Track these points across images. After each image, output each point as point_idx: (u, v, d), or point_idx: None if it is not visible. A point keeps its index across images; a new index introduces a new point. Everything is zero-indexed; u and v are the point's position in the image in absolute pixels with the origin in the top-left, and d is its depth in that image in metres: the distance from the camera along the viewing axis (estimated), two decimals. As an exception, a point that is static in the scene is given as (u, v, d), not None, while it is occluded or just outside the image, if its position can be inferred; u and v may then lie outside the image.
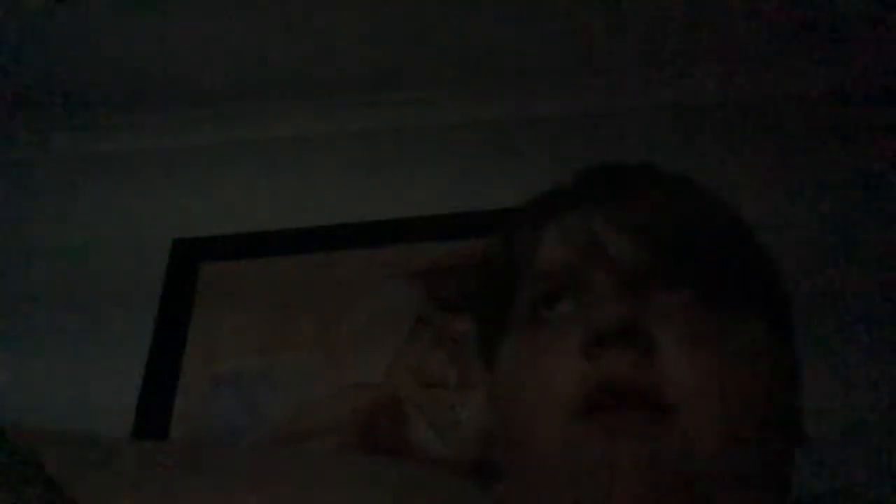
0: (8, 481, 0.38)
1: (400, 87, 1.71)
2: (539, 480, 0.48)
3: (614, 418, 0.46)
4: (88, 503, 0.42)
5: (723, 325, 0.49)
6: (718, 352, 0.48)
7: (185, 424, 1.38)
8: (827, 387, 1.23)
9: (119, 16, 1.57)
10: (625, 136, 1.64)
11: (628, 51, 1.65)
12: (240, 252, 1.57)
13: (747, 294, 0.51)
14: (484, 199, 1.56)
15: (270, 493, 0.44)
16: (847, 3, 1.55)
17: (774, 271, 0.57)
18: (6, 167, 1.75)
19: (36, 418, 1.40)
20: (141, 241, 1.60)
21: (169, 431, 1.37)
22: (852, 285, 1.40)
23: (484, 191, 1.58)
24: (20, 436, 0.46)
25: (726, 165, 1.56)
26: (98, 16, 1.56)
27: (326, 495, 0.44)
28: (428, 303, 1.47)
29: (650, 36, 1.63)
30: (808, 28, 1.60)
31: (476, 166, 1.64)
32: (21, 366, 1.48)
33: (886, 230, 1.46)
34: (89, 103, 1.72)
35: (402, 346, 1.42)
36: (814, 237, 1.46)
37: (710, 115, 1.64)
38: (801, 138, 1.59)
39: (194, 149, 1.74)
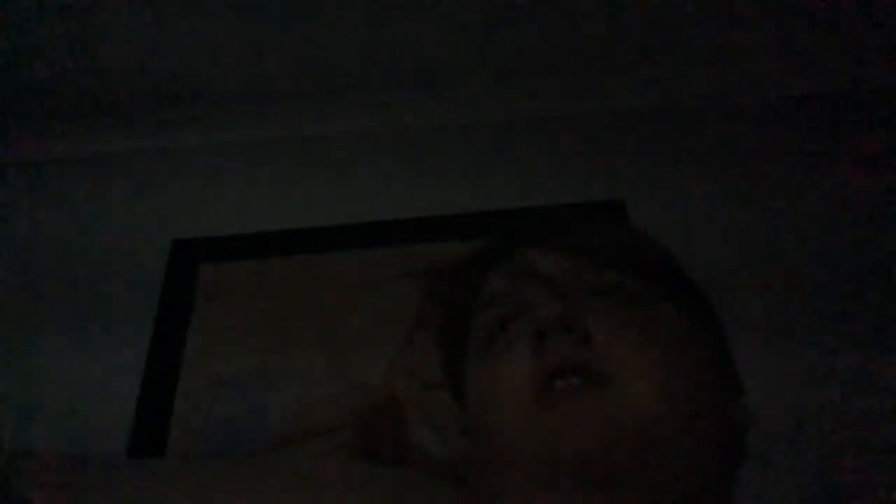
0: None
1: (400, 87, 1.71)
2: (503, 466, 0.54)
3: (558, 390, 0.53)
4: None
5: (644, 315, 0.57)
6: (645, 335, 0.56)
7: (185, 425, 1.38)
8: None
9: (119, 16, 1.57)
10: (624, 136, 1.64)
11: (628, 51, 1.65)
12: (240, 252, 1.57)
13: (660, 291, 0.59)
14: (484, 199, 1.56)
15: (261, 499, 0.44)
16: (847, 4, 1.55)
17: (679, 269, 0.65)
18: (6, 167, 1.75)
19: (36, 418, 1.40)
20: (141, 241, 1.60)
21: (169, 432, 1.37)
22: (851, 285, 1.40)
23: (484, 191, 1.58)
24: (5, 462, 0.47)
25: (726, 165, 1.56)
26: (98, 16, 1.56)
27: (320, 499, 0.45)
28: (428, 303, 1.47)
29: (650, 36, 1.63)
30: (808, 28, 1.60)
31: (476, 166, 1.64)
32: (21, 366, 1.48)
33: (886, 230, 1.46)
34: (89, 103, 1.72)
35: (402, 347, 1.42)
36: (814, 237, 1.46)
37: (708, 116, 1.64)
38: (800, 138, 1.59)
39: (194, 149, 1.74)
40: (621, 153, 1.62)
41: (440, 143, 1.68)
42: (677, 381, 0.54)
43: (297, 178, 1.67)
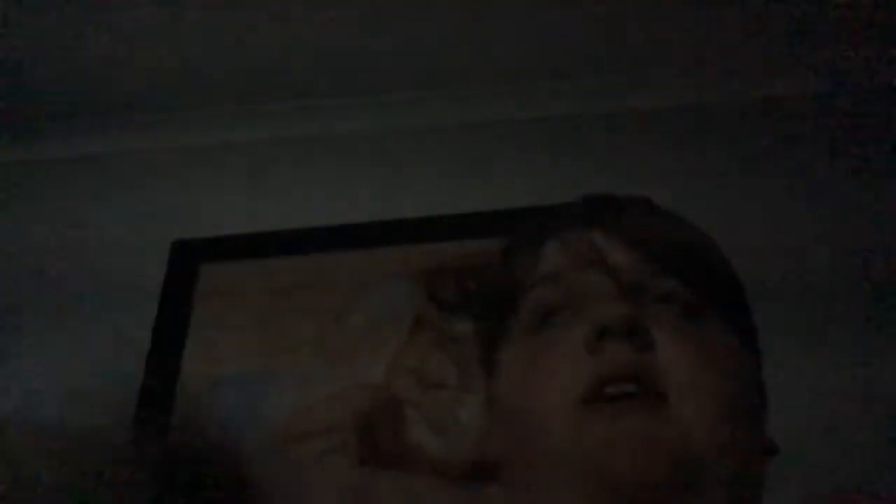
0: None
1: (400, 87, 1.71)
2: (544, 468, 0.51)
3: (615, 400, 0.50)
4: None
5: (704, 335, 0.55)
6: (703, 355, 0.53)
7: (184, 425, 1.38)
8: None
9: (119, 16, 1.57)
10: (625, 136, 1.64)
11: (628, 51, 1.65)
12: (240, 252, 1.57)
13: (722, 315, 0.57)
14: (484, 200, 1.56)
15: None
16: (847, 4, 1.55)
17: (745, 299, 0.62)
18: (6, 167, 1.75)
19: (35, 419, 1.40)
20: (141, 241, 1.60)
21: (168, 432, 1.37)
22: (851, 285, 1.40)
23: (484, 191, 1.58)
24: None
25: (726, 166, 1.56)
26: (98, 16, 1.56)
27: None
28: (428, 303, 1.47)
29: (650, 36, 1.63)
30: (808, 28, 1.60)
31: (476, 166, 1.64)
32: (20, 366, 1.48)
33: (885, 231, 1.46)
34: (89, 103, 1.72)
35: (402, 347, 1.42)
36: (815, 237, 1.46)
37: (710, 116, 1.64)
38: (800, 139, 1.59)
39: (194, 149, 1.74)
40: (621, 153, 1.62)
41: (440, 143, 1.68)
42: (725, 407, 0.52)
43: (297, 178, 1.67)
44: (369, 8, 1.57)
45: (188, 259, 1.57)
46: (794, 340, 1.24)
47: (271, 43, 1.63)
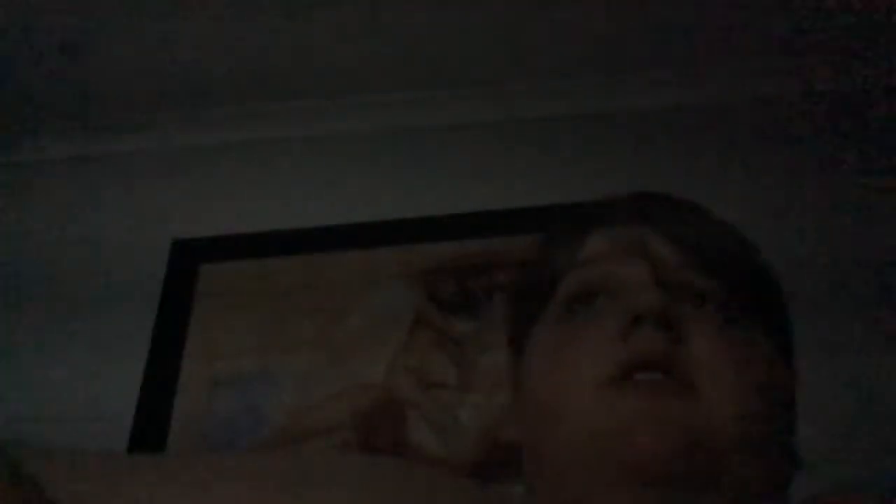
0: None
1: (400, 87, 1.71)
2: (569, 446, 0.51)
3: (643, 383, 0.50)
4: None
5: (739, 338, 0.54)
6: (736, 356, 0.53)
7: (184, 425, 1.38)
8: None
9: (119, 16, 1.57)
10: (625, 136, 1.64)
11: (628, 51, 1.65)
12: (240, 252, 1.57)
13: (761, 324, 0.57)
14: (484, 199, 1.56)
15: (261, 493, 0.44)
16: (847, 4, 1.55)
17: (787, 316, 0.62)
18: (6, 168, 1.75)
19: (35, 418, 1.40)
20: (141, 241, 1.60)
21: (169, 432, 1.37)
22: (850, 286, 1.40)
23: (484, 191, 1.58)
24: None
25: (726, 166, 1.56)
26: (97, 16, 1.56)
27: (320, 495, 0.44)
28: (428, 303, 1.47)
29: (651, 36, 1.63)
30: (808, 29, 1.60)
31: (476, 166, 1.64)
32: (21, 366, 1.48)
33: (885, 231, 1.46)
34: (89, 104, 1.72)
35: (402, 347, 1.42)
36: (814, 239, 1.46)
37: (710, 116, 1.64)
38: (800, 139, 1.59)
39: (194, 149, 1.74)
40: (621, 153, 1.62)
41: (440, 143, 1.68)
42: (754, 408, 0.52)
43: (297, 178, 1.67)
44: (369, 8, 1.57)
45: (188, 259, 1.57)
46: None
47: (271, 43, 1.63)
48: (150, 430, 1.37)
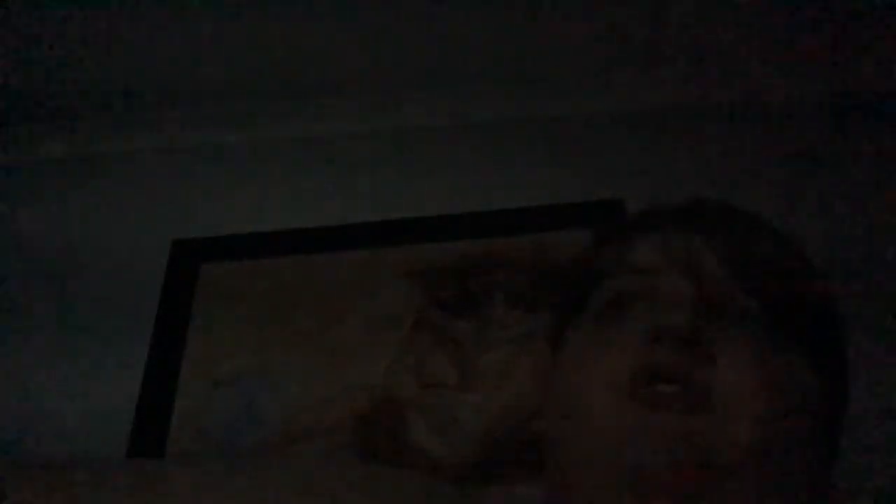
0: None
1: (400, 87, 1.71)
2: (582, 447, 0.52)
3: (657, 393, 0.50)
4: None
5: (776, 364, 0.53)
6: (767, 382, 0.52)
7: (184, 425, 1.38)
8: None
9: (118, 16, 1.57)
10: (624, 136, 1.64)
11: (628, 51, 1.65)
12: (240, 252, 1.57)
13: (808, 351, 0.55)
14: (484, 199, 1.56)
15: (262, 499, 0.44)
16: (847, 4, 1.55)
17: (843, 346, 0.60)
18: (5, 167, 1.75)
19: (35, 419, 1.40)
20: (141, 241, 1.60)
21: (168, 432, 1.37)
22: (851, 286, 1.40)
23: (484, 191, 1.58)
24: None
25: (726, 165, 1.56)
26: (97, 16, 1.56)
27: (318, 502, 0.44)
28: (428, 303, 1.47)
29: (650, 36, 1.63)
30: (807, 29, 1.60)
31: (476, 166, 1.64)
32: (20, 367, 1.48)
33: (885, 231, 1.46)
34: (88, 103, 1.72)
35: (402, 347, 1.42)
36: (814, 239, 1.46)
37: (711, 116, 1.64)
38: (801, 139, 1.59)
39: (194, 149, 1.74)
40: (621, 153, 1.62)
41: (440, 143, 1.68)
42: (776, 437, 0.50)
43: (297, 178, 1.67)
44: (369, 8, 1.57)
45: (188, 259, 1.57)
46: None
47: (271, 43, 1.63)
48: (150, 430, 1.37)
